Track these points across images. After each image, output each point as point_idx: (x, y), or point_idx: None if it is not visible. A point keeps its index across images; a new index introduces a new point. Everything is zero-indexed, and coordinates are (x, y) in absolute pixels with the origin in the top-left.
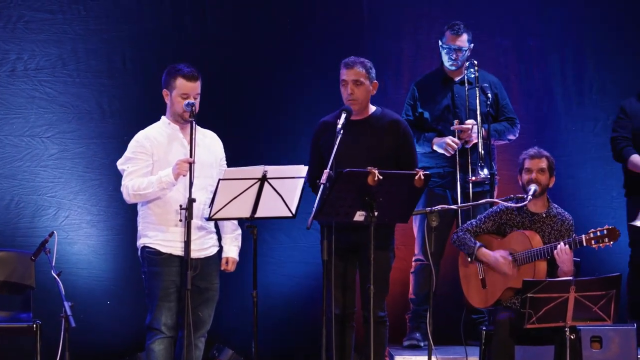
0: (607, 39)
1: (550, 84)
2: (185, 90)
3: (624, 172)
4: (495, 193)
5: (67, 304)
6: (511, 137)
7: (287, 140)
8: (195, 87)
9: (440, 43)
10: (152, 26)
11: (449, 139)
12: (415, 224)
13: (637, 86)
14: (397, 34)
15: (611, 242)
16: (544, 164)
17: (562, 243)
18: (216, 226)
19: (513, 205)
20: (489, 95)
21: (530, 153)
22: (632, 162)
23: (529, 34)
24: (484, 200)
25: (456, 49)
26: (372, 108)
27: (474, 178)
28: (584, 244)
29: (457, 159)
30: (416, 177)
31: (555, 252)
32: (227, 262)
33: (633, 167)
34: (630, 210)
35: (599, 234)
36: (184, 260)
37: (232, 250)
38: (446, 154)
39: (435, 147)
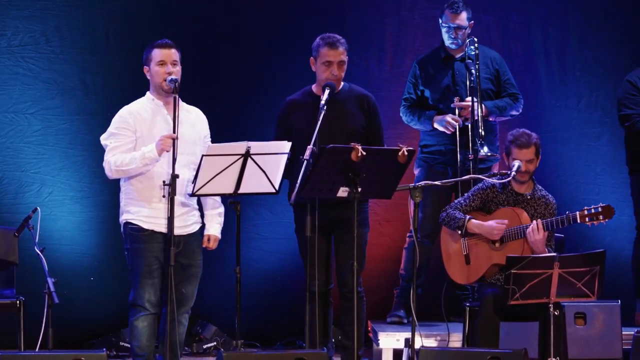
0: (590, 15)
1: (533, 61)
2: (160, 57)
3: (631, 150)
4: (497, 169)
5: (50, 280)
6: (514, 112)
7: (271, 118)
8: (170, 53)
9: (440, 22)
10: (135, 2)
11: (449, 117)
12: (410, 200)
13: (621, 63)
14: (380, 10)
15: (605, 220)
16: (531, 153)
17: (535, 222)
18: (199, 203)
19: (497, 181)
20: (472, 71)
21: (518, 142)
22: None
23: (513, 10)
24: (467, 177)
25: (456, 28)
26: (341, 83)
27: (472, 156)
28: (578, 220)
29: (458, 136)
30: (399, 153)
31: (527, 230)
32: (208, 240)
33: None
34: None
35: (593, 211)
36: (168, 237)
37: (214, 227)
38: (446, 131)
39: (435, 125)
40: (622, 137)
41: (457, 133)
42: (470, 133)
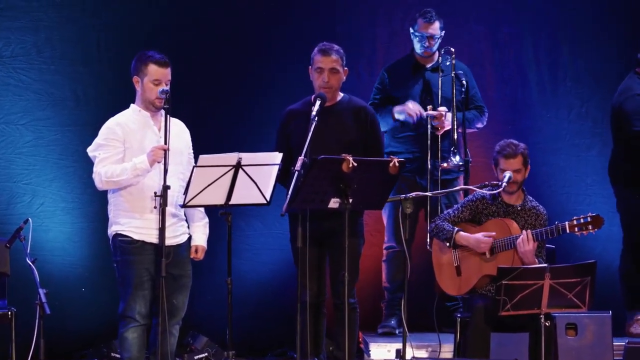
0: (581, 26)
1: (524, 71)
2: (157, 77)
3: (630, 162)
4: (462, 180)
5: (41, 291)
6: (479, 125)
7: (263, 128)
8: (167, 73)
9: (411, 30)
10: (127, 13)
11: (409, 103)
12: (384, 211)
13: (612, 74)
14: (371, 20)
15: (595, 230)
16: (518, 163)
17: (524, 232)
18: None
19: (487, 192)
20: (464, 82)
21: (504, 152)
22: None
23: (504, 21)
24: (458, 187)
25: (428, 37)
26: (340, 95)
27: (445, 165)
28: (567, 230)
29: (429, 145)
30: (391, 164)
31: (517, 241)
32: (196, 251)
33: None
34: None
35: (582, 221)
36: (159, 248)
37: (201, 238)
38: (410, 120)
39: (396, 116)
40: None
41: (428, 142)
42: (439, 142)
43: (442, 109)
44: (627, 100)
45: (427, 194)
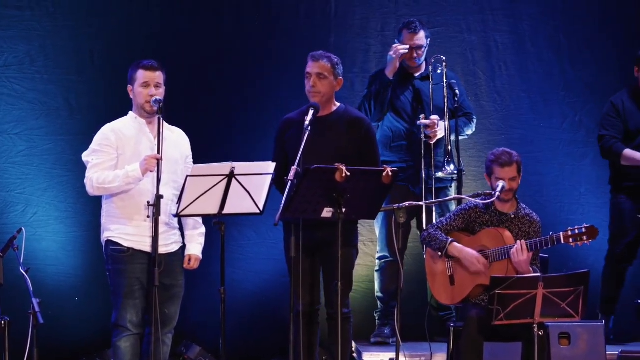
0: (575, 34)
1: (517, 81)
2: (145, 79)
3: (611, 168)
4: (454, 189)
5: (35, 301)
6: (469, 132)
7: (256, 137)
8: (155, 76)
9: (397, 42)
10: (120, 22)
11: (396, 46)
12: (377, 221)
13: (604, 83)
14: (364, 30)
15: (589, 241)
16: (513, 171)
17: (518, 242)
18: (179, 223)
19: (480, 201)
20: (457, 91)
21: (500, 161)
22: (625, 156)
23: (496, 30)
24: (451, 197)
25: (415, 48)
26: (336, 104)
27: (440, 174)
28: (562, 241)
29: (422, 154)
30: (384, 174)
31: (512, 251)
32: (190, 260)
33: (628, 161)
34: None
35: (577, 232)
36: (151, 257)
37: (195, 248)
38: (396, 57)
39: (388, 69)
40: None
41: (422, 151)
42: (433, 151)
43: (435, 117)
44: (604, 108)
45: (420, 203)
